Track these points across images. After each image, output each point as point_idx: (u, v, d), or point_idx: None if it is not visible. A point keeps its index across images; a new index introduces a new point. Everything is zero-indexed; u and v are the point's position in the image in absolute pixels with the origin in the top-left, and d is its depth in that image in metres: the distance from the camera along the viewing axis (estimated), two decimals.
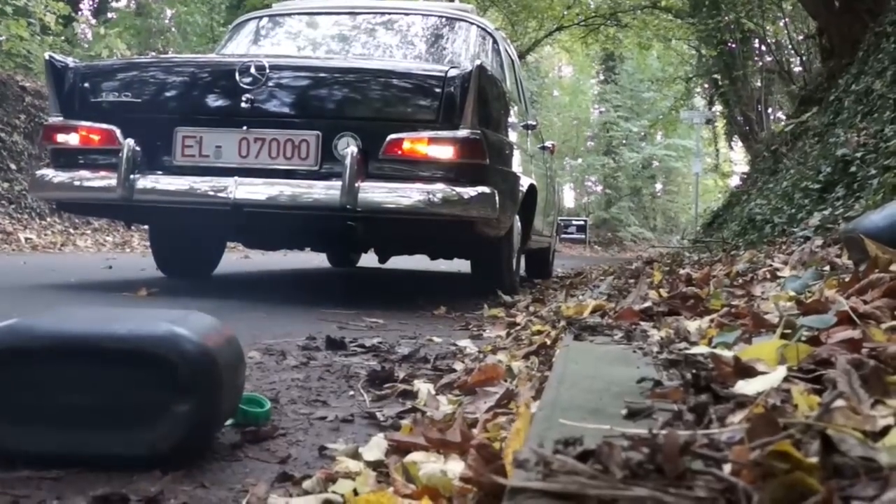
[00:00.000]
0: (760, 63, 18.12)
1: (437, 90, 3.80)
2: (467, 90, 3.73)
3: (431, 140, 3.76)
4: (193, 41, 17.47)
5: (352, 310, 3.74)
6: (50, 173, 4.15)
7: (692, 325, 1.94)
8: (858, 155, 6.26)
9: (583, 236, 26.85)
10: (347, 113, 3.92)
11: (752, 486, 0.65)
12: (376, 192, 3.69)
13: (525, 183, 4.92)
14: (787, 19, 15.31)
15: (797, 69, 16.37)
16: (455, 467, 1.08)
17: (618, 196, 40.15)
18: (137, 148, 3.89)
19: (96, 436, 1.22)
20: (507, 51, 5.88)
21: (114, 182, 3.87)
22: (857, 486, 0.67)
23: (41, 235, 9.72)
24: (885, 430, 0.83)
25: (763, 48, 18.06)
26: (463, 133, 3.75)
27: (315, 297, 4.38)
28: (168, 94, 4.15)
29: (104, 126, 4.03)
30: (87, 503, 1.06)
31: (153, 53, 16.51)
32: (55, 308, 1.52)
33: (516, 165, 4.74)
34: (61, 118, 4.13)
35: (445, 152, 3.77)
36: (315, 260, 8.40)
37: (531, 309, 3.70)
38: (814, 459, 0.70)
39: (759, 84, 18.03)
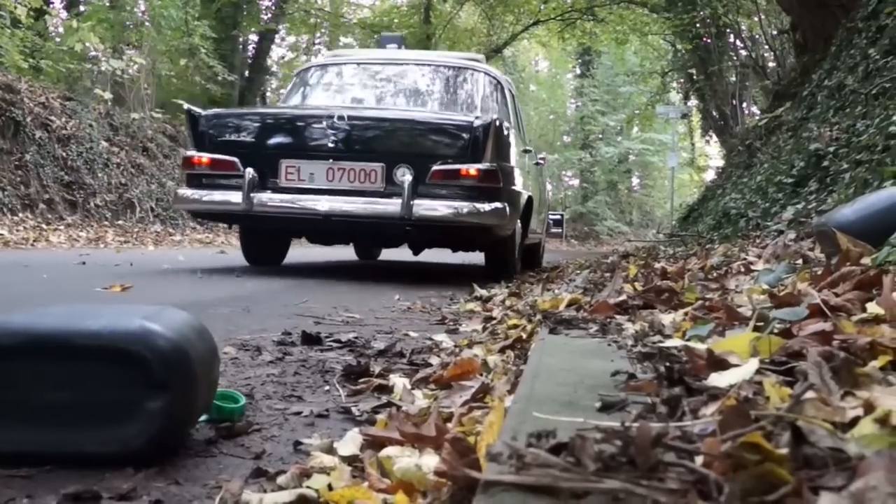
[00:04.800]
0: (735, 58, 18.23)
1: (466, 135, 5.32)
2: (487, 135, 5.25)
3: (462, 170, 5.26)
4: (168, 35, 17.32)
5: (328, 305, 3.73)
6: (189, 192, 5.59)
7: (667, 319, 1.95)
8: (831, 149, 6.33)
9: (559, 230, 26.91)
10: (403, 150, 5.38)
11: (723, 478, 0.66)
12: (424, 207, 5.17)
13: (525, 196, 6.32)
14: (761, 14, 15.42)
15: (771, 64, 16.49)
16: (430, 461, 1.07)
17: (594, 190, 40.28)
18: (253, 174, 5.34)
19: (69, 433, 1.21)
20: (510, 90, 7.32)
21: (239, 198, 5.30)
22: (827, 476, 0.67)
23: (13, 231, 9.61)
24: (855, 421, 0.84)
25: (738, 43, 18.18)
26: (484, 165, 5.26)
27: (293, 292, 4.37)
28: (274, 134, 5.65)
29: (228, 157, 5.48)
30: (58, 501, 1.05)
31: (129, 47, 16.36)
32: (27, 304, 1.50)
33: (519, 184, 6.07)
34: (196, 151, 5.59)
35: (471, 178, 5.26)
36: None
37: (507, 303, 3.71)
38: (784, 451, 0.70)
39: (733, 79, 18.13)
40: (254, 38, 23.09)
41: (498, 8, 23.80)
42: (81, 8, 17.37)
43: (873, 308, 1.53)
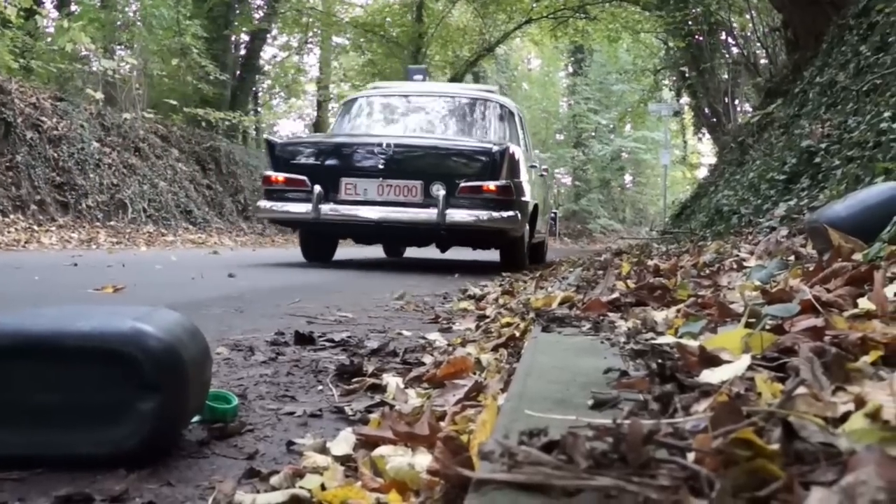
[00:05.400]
0: (727, 55, 18.25)
1: (486, 158, 6.74)
2: (503, 158, 6.69)
3: (484, 186, 6.64)
4: (159, 35, 17.27)
5: (321, 304, 3.72)
6: (268, 203, 6.97)
7: (659, 316, 1.95)
8: (823, 146, 6.34)
9: (552, 228, 26.94)
10: (437, 170, 6.76)
11: (714, 474, 0.66)
12: (454, 215, 6.58)
13: (532, 204, 7.60)
14: (753, 12, 15.43)
15: (763, 61, 16.51)
16: (423, 460, 1.07)
17: (587, 188, 40.29)
18: (320, 189, 6.69)
19: (61, 435, 1.20)
20: (519, 115, 8.71)
21: (309, 209, 6.67)
22: (818, 471, 0.67)
23: (4, 233, 9.57)
24: (846, 416, 0.84)
25: (730, 41, 18.19)
26: (500, 182, 6.66)
27: (286, 292, 4.36)
28: (335, 158, 7.02)
29: (298, 176, 6.85)
30: (50, 503, 1.04)
31: (120, 47, 16.31)
32: (19, 306, 1.50)
33: (528, 195, 7.31)
34: (273, 172, 6.98)
35: (491, 192, 6.65)
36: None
37: (500, 301, 3.71)
38: (776, 446, 0.70)
39: (726, 76, 18.16)
40: (245, 37, 23.04)
41: (490, 6, 23.79)
42: (72, 7, 17.29)
43: (864, 304, 1.53)
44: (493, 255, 8.48)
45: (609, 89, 38.75)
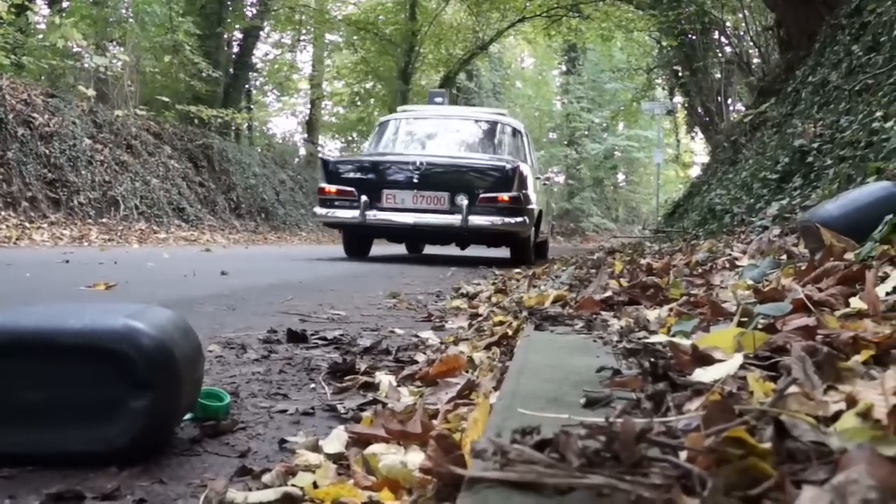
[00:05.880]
0: (720, 54, 18.27)
1: (500, 174, 8.20)
2: (514, 174, 8.15)
3: (499, 197, 8.06)
4: (152, 32, 17.22)
5: (314, 302, 3.72)
6: (322, 210, 8.46)
7: (652, 315, 1.96)
8: (815, 145, 6.36)
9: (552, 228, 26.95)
10: (460, 184, 8.18)
11: (706, 472, 0.66)
12: (475, 220, 8.01)
13: (537, 210, 8.97)
14: (746, 11, 15.46)
15: (756, 61, 16.53)
16: (415, 458, 1.07)
17: (580, 187, 40.34)
18: (366, 199, 8.13)
19: (52, 433, 1.20)
20: (526, 135, 10.18)
21: (356, 214, 8.14)
22: (809, 470, 0.68)
23: None
24: (837, 415, 0.84)
25: (723, 40, 18.21)
26: (512, 194, 8.07)
27: (278, 290, 4.36)
28: (377, 173, 8.44)
29: (347, 188, 8.32)
30: (40, 501, 1.04)
31: (112, 43, 16.25)
32: (10, 303, 1.49)
33: (534, 202, 8.72)
34: (326, 184, 8.45)
35: (504, 202, 8.06)
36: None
37: (493, 300, 3.71)
38: (767, 445, 0.71)
39: (718, 75, 18.17)
40: (238, 34, 22.98)
41: (483, 4, 23.76)
42: (64, 4, 17.21)
43: (856, 303, 1.53)
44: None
45: (602, 88, 38.79)
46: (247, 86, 24.93)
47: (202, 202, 16.16)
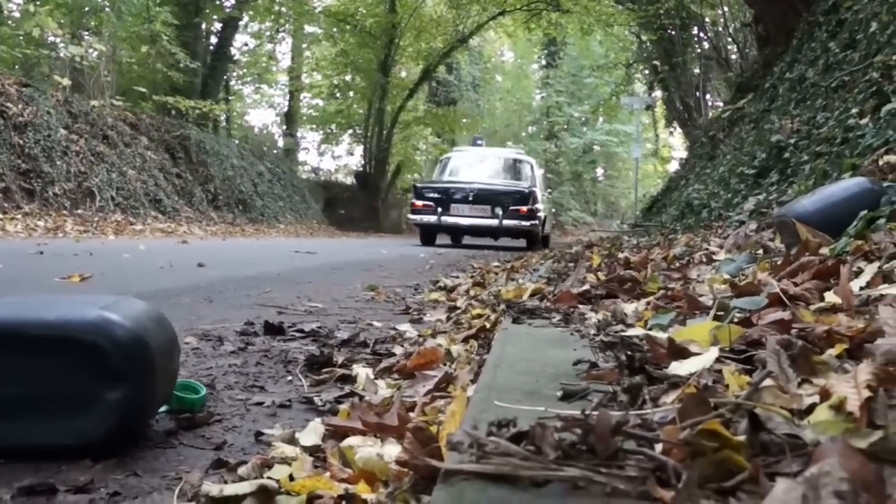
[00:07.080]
0: (699, 50, 18.36)
1: (521, 195, 13.99)
2: (531, 195, 14.07)
3: (521, 209, 13.76)
4: (128, 21, 17.04)
5: (292, 295, 3.70)
6: (414, 216, 14.27)
7: (629, 308, 1.97)
8: (792, 141, 6.41)
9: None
10: (498, 200, 13.82)
11: (681, 465, 0.66)
12: (506, 223, 13.77)
13: (544, 215, 14.89)
14: (725, 7, 15.55)
15: (734, 56, 16.63)
16: (392, 451, 1.07)
17: (559, 181, 40.45)
18: (441, 209, 13.82)
19: (25, 425, 1.19)
20: (538, 167, 17.01)
21: (435, 219, 13.87)
22: (783, 462, 0.68)
23: None
24: (811, 408, 0.85)
25: (702, 35, 18.30)
26: (529, 206, 13.83)
27: (256, 282, 4.34)
28: (447, 193, 13.98)
29: (428, 203, 13.92)
30: (12, 495, 1.02)
31: (88, 33, 16.06)
32: None
33: (542, 211, 14.55)
34: (416, 199, 14.16)
35: (525, 212, 13.80)
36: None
37: (471, 293, 3.71)
38: (742, 437, 0.71)
39: (697, 71, 18.27)
40: (217, 25, 22.80)
41: None
42: None
43: (831, 297, 1.55)
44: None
45: (582, 82, 38.89)
46: (225, 77, 24.76)
47: (179, 194, 16.05)
